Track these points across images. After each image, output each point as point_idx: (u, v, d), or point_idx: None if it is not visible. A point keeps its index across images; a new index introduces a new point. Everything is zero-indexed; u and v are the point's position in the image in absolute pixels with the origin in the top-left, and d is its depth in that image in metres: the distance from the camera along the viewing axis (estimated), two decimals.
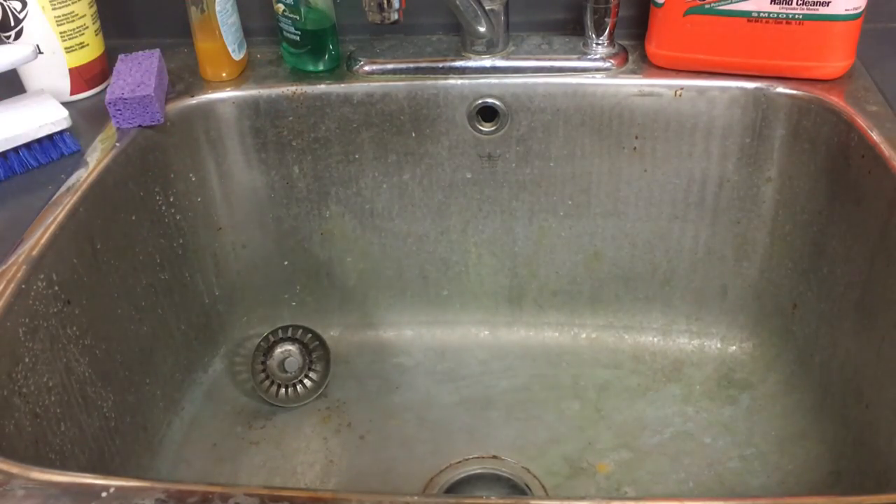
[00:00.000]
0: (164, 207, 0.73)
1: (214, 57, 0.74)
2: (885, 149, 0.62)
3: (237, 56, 0.75)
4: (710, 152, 0.74)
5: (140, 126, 0.69)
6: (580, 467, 0.72)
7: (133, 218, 0.69)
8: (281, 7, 0.73)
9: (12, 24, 0.70)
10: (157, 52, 0.74)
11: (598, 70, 0.73)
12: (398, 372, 0.82)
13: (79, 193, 0.62)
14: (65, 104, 0.69)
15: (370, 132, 0.76)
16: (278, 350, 0.80)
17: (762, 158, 0.73)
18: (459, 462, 0.73)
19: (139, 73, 0.71)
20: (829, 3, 0.65)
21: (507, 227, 0.81)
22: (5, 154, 0.65)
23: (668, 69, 0.72)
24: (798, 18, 0.67)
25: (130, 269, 0.68)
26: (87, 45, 0.74)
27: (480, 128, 0.75)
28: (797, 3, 0.66)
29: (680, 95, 0.71)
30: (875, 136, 0.64)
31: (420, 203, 0.80)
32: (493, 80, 0.73)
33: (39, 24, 0.70)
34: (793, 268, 0.76)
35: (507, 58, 0.74)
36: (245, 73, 0.77)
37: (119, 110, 0.68)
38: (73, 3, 0.71)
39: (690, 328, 0.83)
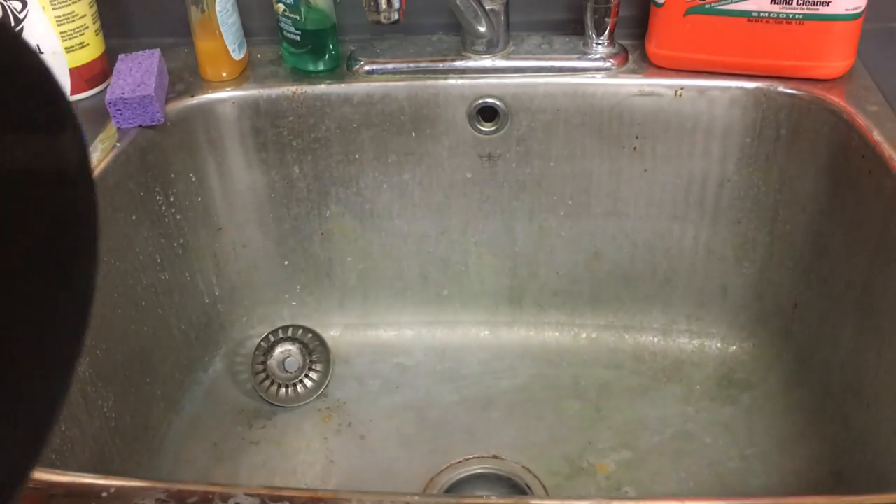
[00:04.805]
0: (164, 207, 0.73)
1: (214, 57, 0.74)
2: (886, 149, 0.62)
3: (237, 56, 0.75)
4: (711, 152, 0.74)
5: (140, 126, 0.69)
6: (580, 467, 0.72)
7: (133, 218, 0.69)
8: (281, 7, 0.73)
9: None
10: (157, 52, 0.74)
11: (598, 70, 0.73)
12: (398, 372, 0.82)
13: None
14: None
15: (370, 132, 0.76)
16: (278, 350, 0.80)
17: (762, 158, 0.73)
18: (459, 462, 0.73)
19: (139, 73, 0.71)
20: (829, 2, 0.65)
21: (508, 227, 0.81)
22: None
23: (669, 69, 0.72)
24: (798, 18, 0.67)
25: (130, 269, 0.68)
26: (88, 44, 0.74)
27: (480, 128, 0.75)
28: (797, 3, 0.66)
29: (680, 95, 0.71)
30: (875, 136, 0.64)
31: (420, 203, 0.80)
32: (493, 80, 0.73)
33: (40, 24, 0.70)
34: (793, 268, 0.76)
35: (508, 58, 0.74)
36: (245, 73, 0.77)
37: (119, 110, 0.68)
38: (73, 3, 0.71)
39: (691, 328, 0.83)
